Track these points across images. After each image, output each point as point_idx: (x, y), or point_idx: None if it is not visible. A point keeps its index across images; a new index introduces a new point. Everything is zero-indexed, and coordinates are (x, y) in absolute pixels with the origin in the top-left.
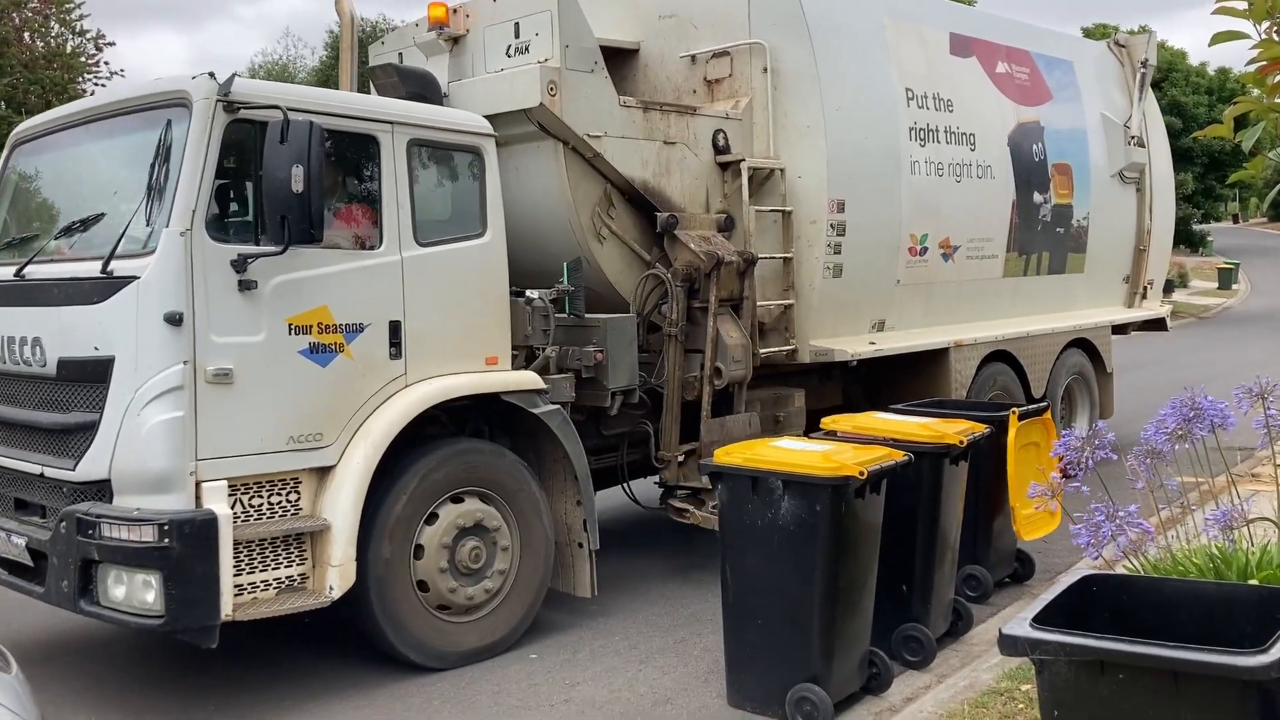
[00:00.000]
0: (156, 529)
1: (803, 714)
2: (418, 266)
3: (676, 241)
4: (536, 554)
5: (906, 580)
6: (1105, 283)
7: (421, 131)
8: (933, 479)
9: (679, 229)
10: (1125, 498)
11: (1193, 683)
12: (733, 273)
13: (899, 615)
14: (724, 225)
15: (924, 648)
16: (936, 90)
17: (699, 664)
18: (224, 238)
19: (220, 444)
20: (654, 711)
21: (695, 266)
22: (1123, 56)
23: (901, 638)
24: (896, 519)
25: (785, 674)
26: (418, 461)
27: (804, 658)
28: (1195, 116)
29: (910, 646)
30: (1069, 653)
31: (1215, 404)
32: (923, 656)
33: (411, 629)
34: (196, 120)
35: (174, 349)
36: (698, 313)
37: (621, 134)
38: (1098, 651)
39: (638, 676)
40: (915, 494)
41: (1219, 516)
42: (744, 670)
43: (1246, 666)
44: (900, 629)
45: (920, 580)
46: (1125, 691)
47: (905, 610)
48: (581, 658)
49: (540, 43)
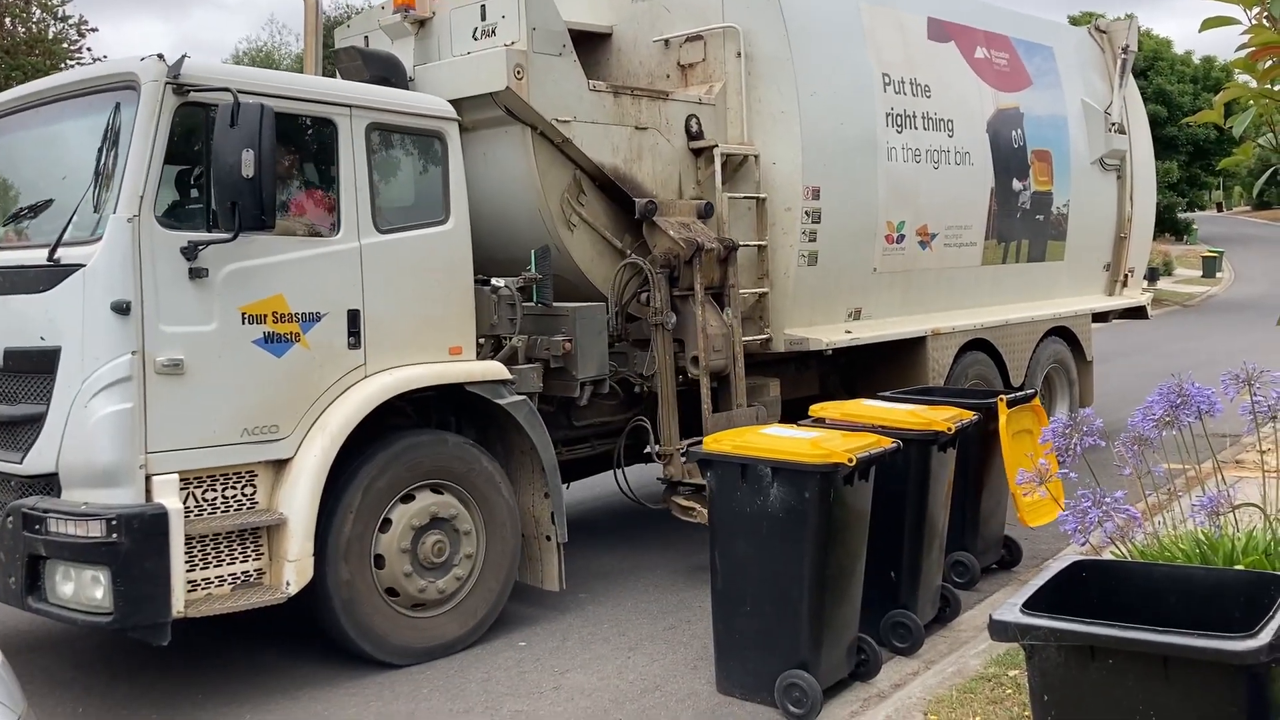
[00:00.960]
0: (104, 524)
1: (791, 700)
2: (377, 254)
3: (655, 228)
4: (503, 532)
5: (895, 567)
6: (1086, 271)
7: (381, 115)
8: (921, 466)
9: (658, 215)
10: (1113, 484)
11: (1182, 667)
12: (713, 260)
13: (887, 602)
14: (703, 212)
15: (912, 634)
16: (914, 76)
17: (688, 651)
18: (174, 224)
19: (171, 436)
20: (643, 699)
21: (675, 254)
22: (1104, 42)
23: (890, 624)
24: (885, 506)
25: (774, 661)
26: (399, 441)
27: (793, 644)
28: (1181, 105)
29: (899, 633)
30: (1059, 638)
31: (1202, 391)
32: (911, 643)
33: (374, 625)
34: (145, 103)
35: (121, 339)
36: (678, 301)
37: (591, 119)
38: (1088, 637)
39: (627, 664)
40: (903, 481)
41: (1205, 502)
42: (733, 657)
43: (1236, 651)
44: (889, 615)
45: (908, 567)
46: (1115, 676)
47: (893, 597)
48: (571, 645)
49: (507, 25)
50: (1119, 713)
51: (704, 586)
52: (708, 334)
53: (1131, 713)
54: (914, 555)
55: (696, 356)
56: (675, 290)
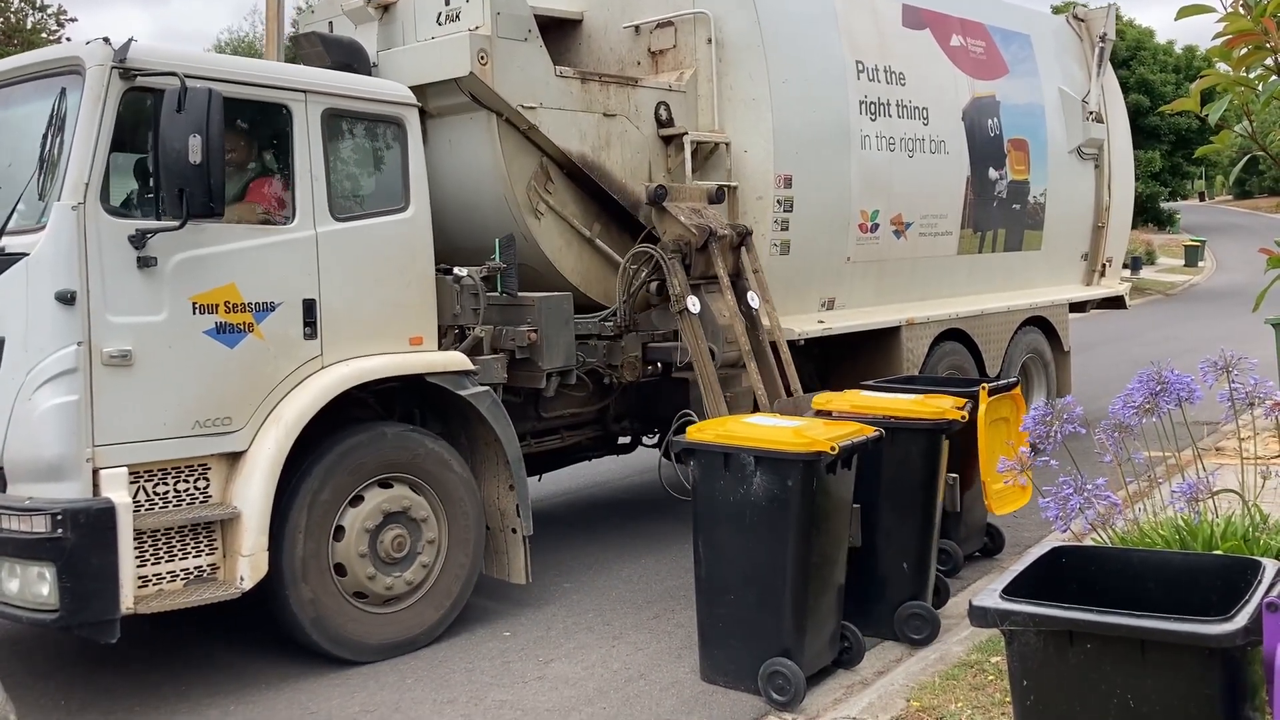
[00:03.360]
0: (49, 519)
1: (775, 688)
2: (334, 242)
3: (665, 214)
4: (462, 507)
5: (908, 558)
6: (1063, 260)
7: (338, 101)
8: (933, 454)
9: (668, 201)
10: (1093, 472)
11: (1159, 651)
12: (726, 247)
13: (904, 591)
14: (715, 197)
15: (928, 624)
16: (888, 63)
17: (672, 640)
18: (121, 212)
19: (120, 429)
20: (627, 687)
21: (686, 241)
22: (1082, 31)
23: (907, 615)
24: (898, 495)
25: (758, 648)
26: (336, 446)
27: (776, 632)
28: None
29: (914, 624)
30: (1038, 623)
31: (1181, 378)
32: (928, 634)
33: (348, 632)
34: (90, 88)
35: (67, 329)
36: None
37: (558, 105)
38: (1066, 621)
39: (611, 653)
40: (917, 470)
41: (1185, 489)
42: (716, 645)
43: (1212, 634)
44: (905, 606)
45: (919, 558)
46: (1093, 661)
47: (909, 587)
48: (555, 635)
49: (471, 10)
50: (1097, 697)
51: (688, 576)
52: (716, 325)
53: (1109, 697)
54: (925, 546)
55: (711, 348)
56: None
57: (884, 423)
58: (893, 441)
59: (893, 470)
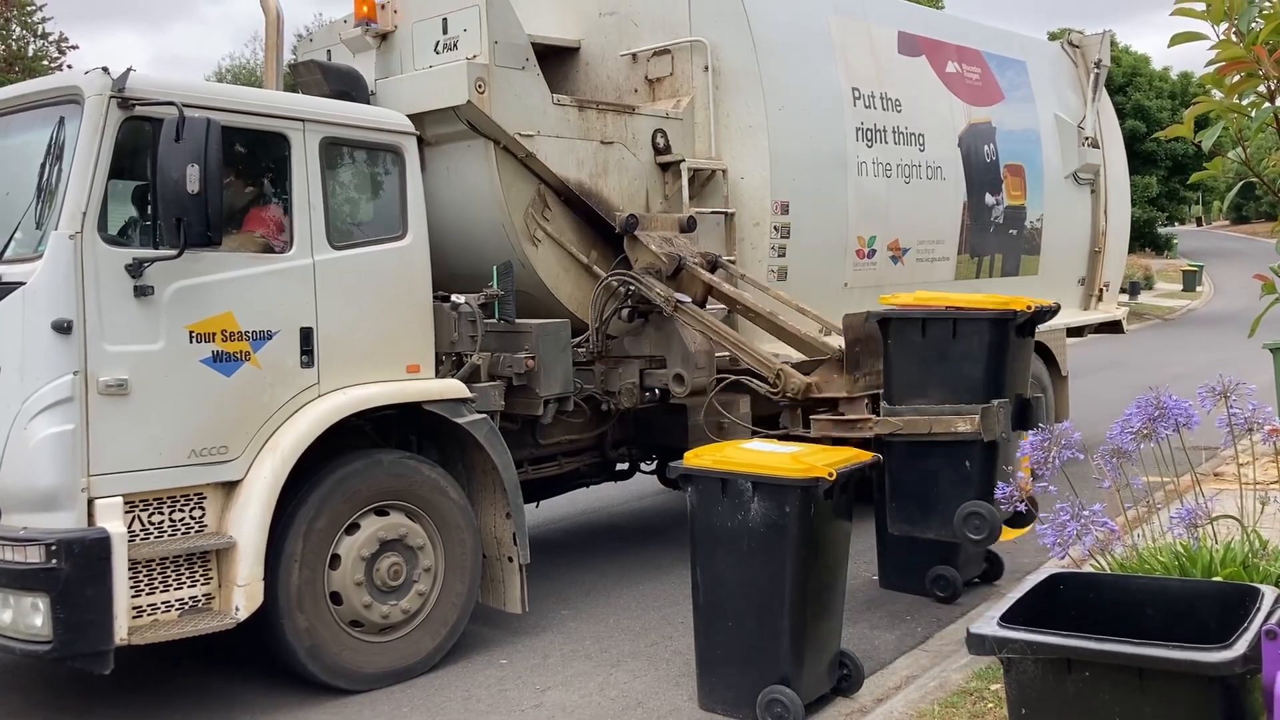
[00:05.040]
0: (43, 549)
1: (773, 716)
2: (331, 270)
3: (636, 243)
4: (459, 535)
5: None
6: (1060, 285)
7: (336, 130)
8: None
9: (639, 230)
10: (1092, 497)
11: (1158, 679)
12: (696, 274)
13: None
14: (686, 226)
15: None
16: (884, 90)
17: (670, 667)
18: (118, 241)
19: (115, 458)
20: (625, 715)
21: (656, 269)
22: (1077, 57)
23: (933, 576)
24: (940, 499)
25: (756, 676)
26: (332, 474)
27: (774, 659)
28: (1159, 120)
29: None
30: (1036, 651)
31: (1179, 404)
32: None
33: (344, 662)
34: (88, 117)
35: (63, 359)
36: (658, 317)
37: (555, 133)
38: (1064, 649)
39: (608, 680)
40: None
41: (1184, 515)
42: (715, 673)
43: (1211, 662)
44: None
45: None
46: (1091, 689)
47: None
48: (552, 662)
49: (469, 39)
50: None
51: (686, 602)
52: (687, 350)
53: None
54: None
55: (680, 374)
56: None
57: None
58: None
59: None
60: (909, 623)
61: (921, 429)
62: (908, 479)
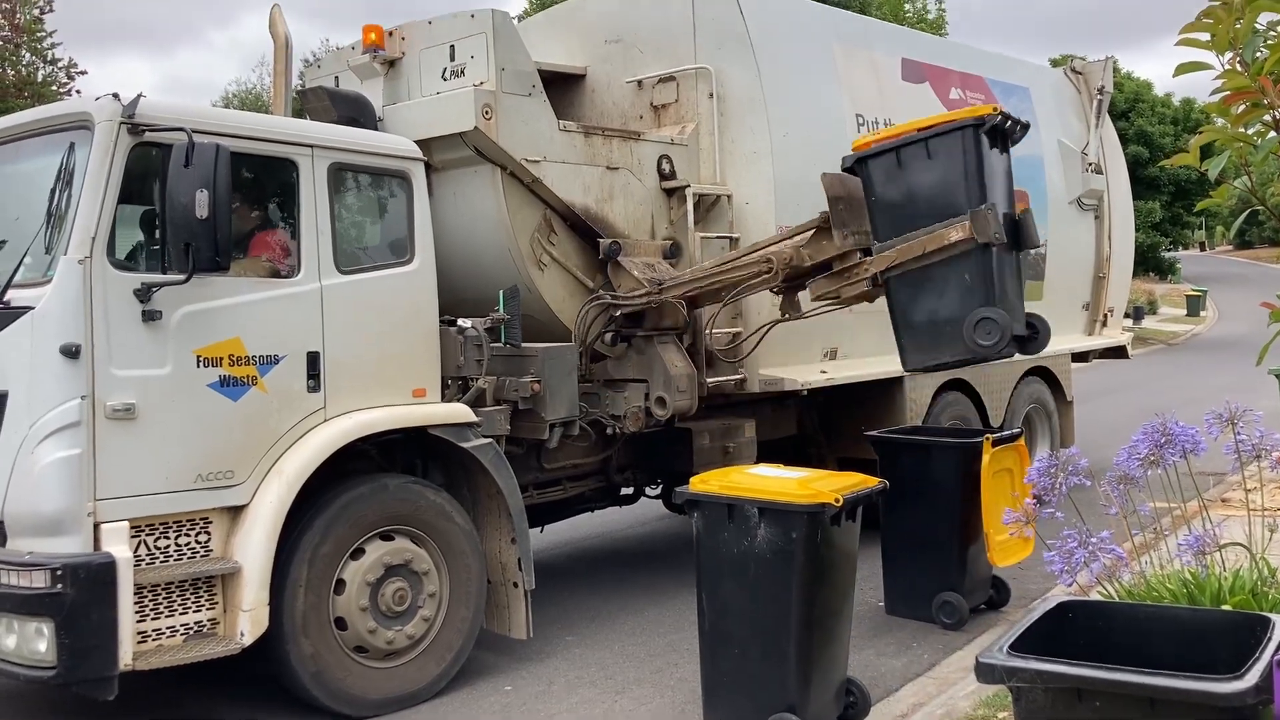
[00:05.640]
0: (49, 574)
1: None
2: (338, 295)
3: (620, 269)
4: (464, 560)
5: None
6: (1064, 310)
7: (344, 155)
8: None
9: (622, 255)
10: (1099, 523)
11: (1169, 709)
12: (678, 301)
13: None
14: (669, 252)
15: (958, 611)
16: (889, 116)
17: (675, 694)
18: (127, 266)
19: (121, 483)
20: None
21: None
22: (1080, 83)
23: (939, 603)
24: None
25: (762, 703)
26: (337, 499)
27: (781, 687)
28: (1161, 146)
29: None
30: (1045, 680)
31: (1186, 430)
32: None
33: (348, 687)
34: (98, 143)
35: (70, 383)
36: (641, 341)
37: (562, 159)
38: (1074, 679)
39: (614, 708)
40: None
41: (1192, 542)
42: (721, 700)
43: (1223, 693)
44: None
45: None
46: (1102, 718)
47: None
48: (557, 689)
49: (476, 66)
50: None
51: (692, 629)
52: (669, 374)
53: None
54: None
55: (662, 397)
56: (640, 330)
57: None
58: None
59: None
60: (915, 650)
61: (916, 252)
62: (917, 317)
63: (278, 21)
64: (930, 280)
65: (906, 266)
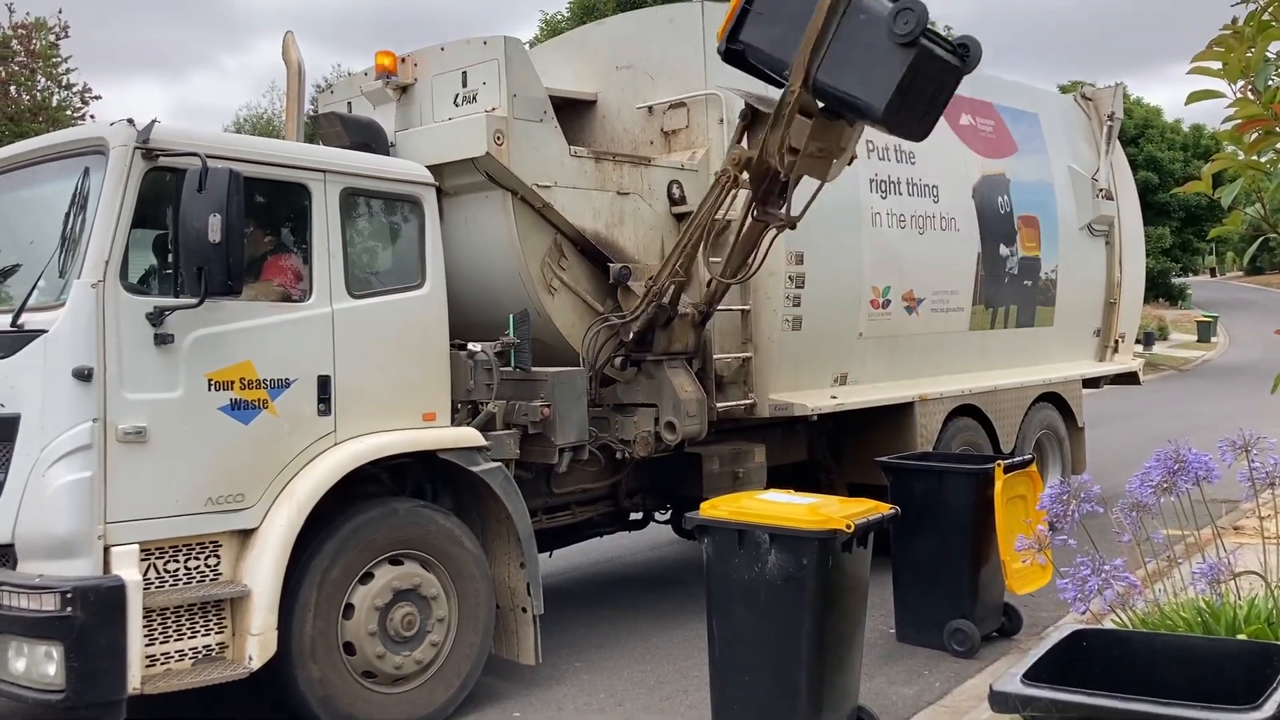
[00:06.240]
0: (58, 597)
1: None
2: (350, 319)
3: (630, 293)
4: (473, 585)
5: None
6: (1075, 336)
7: (356, 180)
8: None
9: (632, 280)
10: (1111, 551)
11: None
12: (687, 325)
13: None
14: None
15: (970, 638)
16: (898, 142)
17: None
18: (140, 290)
19: (132, 506)
20: None
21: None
22: (1089, 110)
23: (951, 630)
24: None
25: None
26: (347, 523)
27: (791, 715)
28: (1171, 172)
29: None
30: (1061, 709)
31: (1199, 457)
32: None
33: (356, 714)
34: (113, 168)
35: (82, 406)
36: (650, 365)
37: (572, 184)
38: (1088, 709)
39: None
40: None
41: (1206, 570)
42: None
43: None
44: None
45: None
46: None
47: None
48: (566, 716)
49: (488, 92)
50: None
51: (701, 656)
52: (678, 398)
53: None
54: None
55: (671, 422)
56: (649, 354)
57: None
58: None
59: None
60: (927, 677)
61: (814, 33)
62: (853, 75)
63: (290, 48)
64: (843, 46)
65: (820, 57)
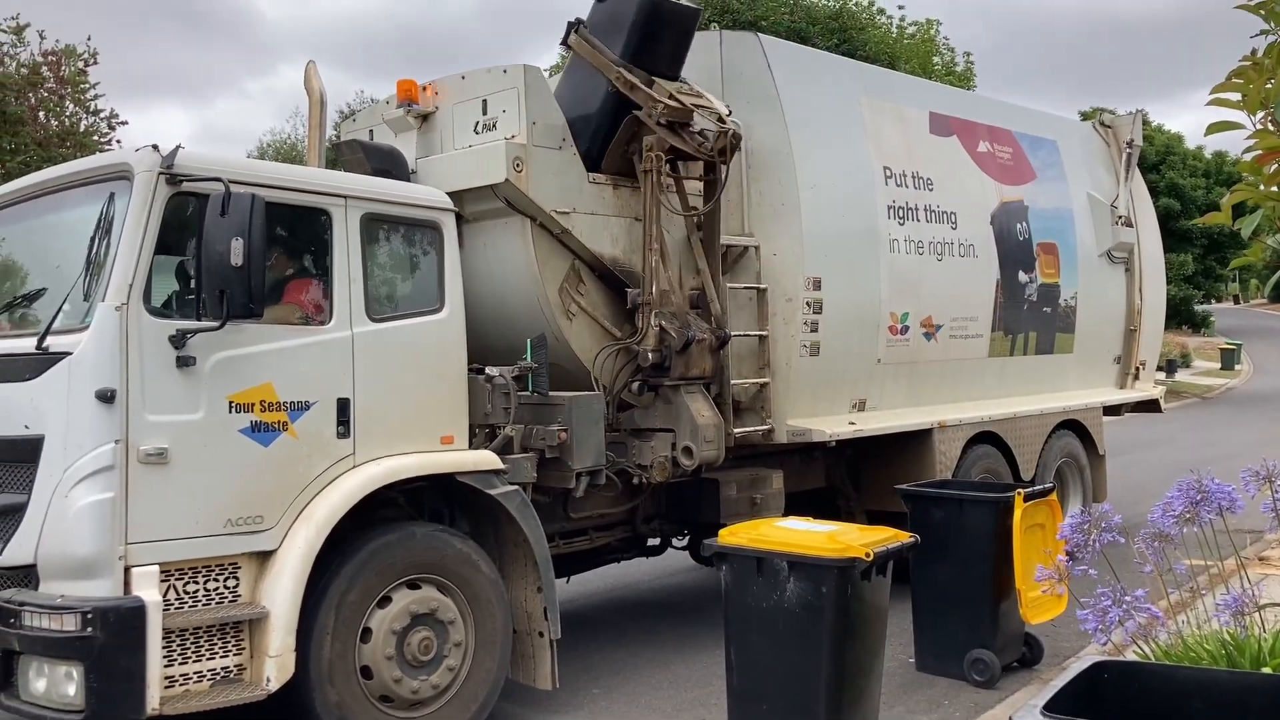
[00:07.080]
0: (79, 617)
1: None
2: (369, 342)
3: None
4: (489, 609)
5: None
6: (1096, 363)
7: (376, 206)
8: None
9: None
10: (1133, 581)
11: None
12: (705, 350)
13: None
14: (696, 302)
15: (990, 668)
16: (916, 169)
17: None
18: (162, 312)
19: (153, 527)
20: None
21: (666, 344)
22: (1109, 137)
23: (971, 660)
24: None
25: None
26: (365, 546)
27: None
28: (1193, 199)
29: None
30: None
31: (1222, 487)
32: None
33: None
34: (137, 193)
35: (105, 427)
36: (668, 390)
37: (591, 210)
38: None
39: None
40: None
41: (1230, 602)
42: None
43: None
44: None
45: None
46: None
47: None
48: None
49: (508, 119)
50: None
51: (720, 683)
52: (696, 424)
53: None
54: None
55: (689, 447)
56: (666, 379)
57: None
58: None
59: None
60: (946, 707)
61: None
62: None
63: (313, 76)
64: None
65: None
